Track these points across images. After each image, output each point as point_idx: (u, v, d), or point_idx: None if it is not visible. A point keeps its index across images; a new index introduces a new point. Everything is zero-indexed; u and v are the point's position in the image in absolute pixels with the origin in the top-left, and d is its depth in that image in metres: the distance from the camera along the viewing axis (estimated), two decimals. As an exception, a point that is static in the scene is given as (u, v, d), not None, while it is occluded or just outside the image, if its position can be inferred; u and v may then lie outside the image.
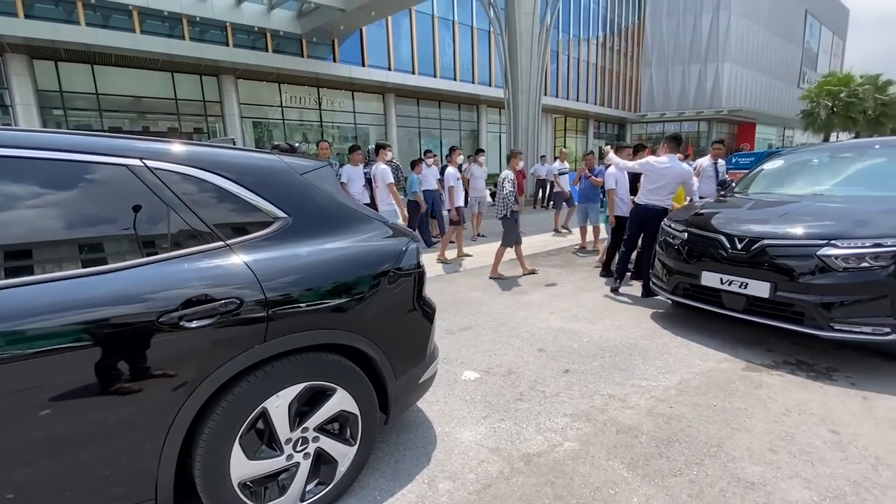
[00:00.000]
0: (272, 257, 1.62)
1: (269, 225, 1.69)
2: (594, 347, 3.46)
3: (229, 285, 1.51)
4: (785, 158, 4.77)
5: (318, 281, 1.69)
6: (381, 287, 1.87)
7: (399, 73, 22.35)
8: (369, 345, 1.83)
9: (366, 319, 1.81)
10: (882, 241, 2.82)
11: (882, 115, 34.36)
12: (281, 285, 1.59)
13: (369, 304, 1.82)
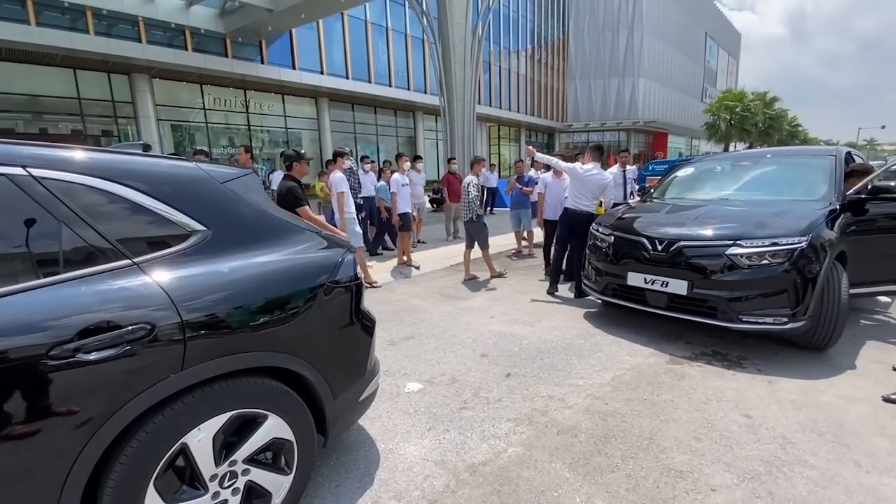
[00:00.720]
0: (189, 275, 1.46)
1: (186, 239, 1.53)
2: (533, 349, 3.55)
3: (137, 308, 1.34)
4: (694, 166, 5.24)
5: (244, 299, 1.56)
6: (315, 302, 1.76)
7: (332, 78, 21.84)
8: (304, 365, 1.72)
9: (299, 338, 1.70)
10: (778, 241, 3.17)
11: (770, 128, 39.21)
12: (200, 306, 1.44)
13: (303, 321, 1.71)
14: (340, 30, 23.01)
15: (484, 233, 5.87)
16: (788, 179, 4.45)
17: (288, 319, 1.67)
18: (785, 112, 41.85)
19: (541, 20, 37.78)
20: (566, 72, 41.39)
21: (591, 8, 40.41)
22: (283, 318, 1.66)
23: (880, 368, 3.07)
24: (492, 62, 32.45)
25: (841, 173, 4.08)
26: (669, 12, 44.12)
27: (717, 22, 58.18)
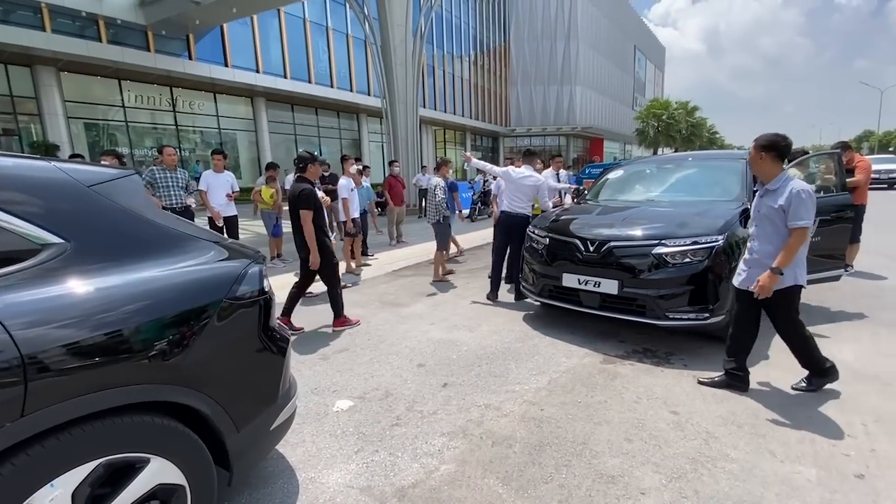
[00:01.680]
0: (35, 299, 1.21)
1: (35, 255, 1.27)
2: (472, 356, 3.47)
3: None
4: (624, 169, 5.45)
5: (112, 324, 1.31)
6: (209, 323, 1.54)
7: (269, 77, 20.88)
8: (197, 397, 1.49)
9: (188, 366, 1.47)
10: (698, 239, 3.31)
11: (692, 135, 42.69)
12: (48, 336, 1.18)
13: (193, 346, 1.48)
14: (277, 27, 22.09)
15: (445, 235, 5.98)
16: (707, 181, 4.72)
17: (174, 345, 1.44)
18: (704, 120, 45.69)
19: (483, 27, 38.50)
20: (508, 78, 42.46)
21: (529, 17, 41.78)
22: (167, 345, 1.42)
23: (788, 357, 3.26)
24: (436, 66, 32.59)
25: (751, 175, 4.38)
26: (602, 25, 46.64)
27: (645, 36, 62.36)
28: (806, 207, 2.51)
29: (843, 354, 3.29)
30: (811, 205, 2.52)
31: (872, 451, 2.16)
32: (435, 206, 5.82)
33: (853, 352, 3.33)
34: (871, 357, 3.23)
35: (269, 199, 6.58)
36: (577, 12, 41.53)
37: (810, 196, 2.52)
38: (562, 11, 41.61)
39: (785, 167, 2.74)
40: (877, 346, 3.44)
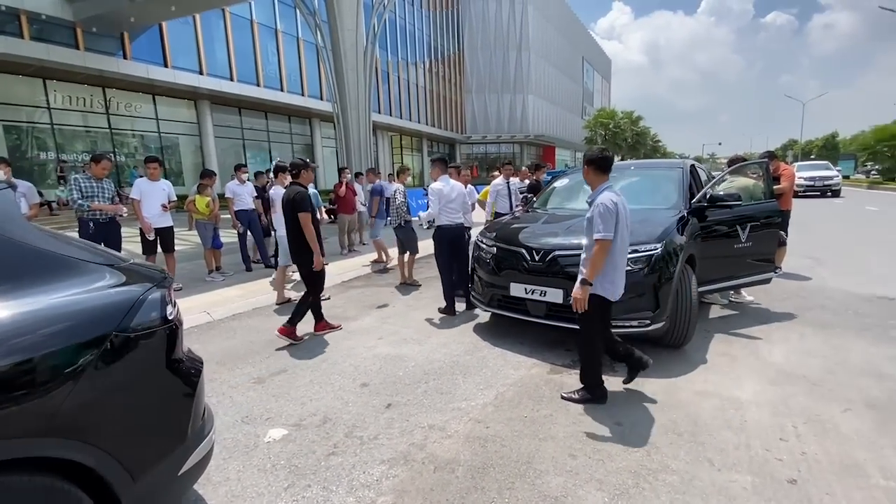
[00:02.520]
0: None
1: None
2: (419, 372, 3.34)
3: None
4: (570, 177, 5.54)
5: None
6: (94, 362, 1.32)
7: (213, 79, 19.93)
8: (78, 448, 1.28)
9: (66, 414, 1.25)
10: (638, 247, 3.37)
11: (637, 143, 45.00)
12: None
13: (72, 390, 1.27)
14: (222, 28, 21.16)
15: (411, 238, 6.06)
16: (647, 189, 4.87)
17: (46, 391, 1.22)
18: (648, 129, 48.29)
19: (437, 34, 38.79)
20: (463, 86, 42.98)
21: (482, 27, 42.57)
22: (39, 391, 1.21)
23: (725, 361, 3.39)
24: (390, 72, 32.43)
25: (688, 183, 4.56)
26: (552, 37, 48.31)
27: (592, 48, 65.22)
28: (603, 219, 2.57)
29: (773, 356, 3.45)
30: (609, 217, 2.58)
31: (803, 454, 2.23)
32: (396, 210, 5.96)
33: (782, 353, 3.50)
34: (800, 357, 3.40)
35: (205, 209, 6.17)
36: (528, 23, 42.80)
37: (608, 209, 2.59)
38: (513, 22, 42.74)
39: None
40: (804, 345, 3.63)
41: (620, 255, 2.71)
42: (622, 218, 2.65)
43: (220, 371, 3.45)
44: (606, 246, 2.60)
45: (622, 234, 2.67)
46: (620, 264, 2.73)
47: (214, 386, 3.17)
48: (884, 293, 5.03)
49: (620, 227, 2.63)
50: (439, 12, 39.13)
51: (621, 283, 2.75)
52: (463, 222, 4.91)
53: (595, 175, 2.78)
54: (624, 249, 2.73)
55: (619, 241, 2.66)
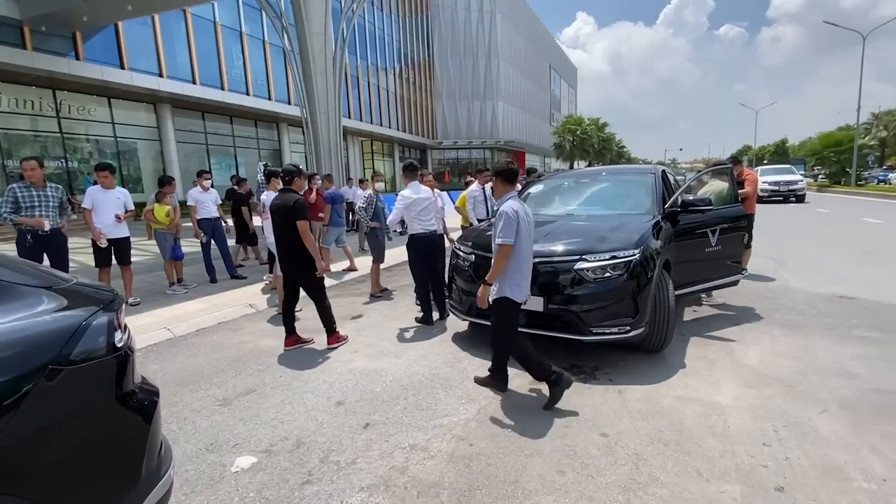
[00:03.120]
0: None
1: None
2: (398, 387, 3.20)
3: None
4: (544, 183, 5.54)
5: None
6: (24, 400, 1.14)
7: (174, 82, 19.16)
8: (7, 502, 1.09)
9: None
10: (616, 254, 3.36)
11: (603, 148, 46.28)
12: None
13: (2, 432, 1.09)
14: (183, 29, 20.42)
15: (375, 246, 5.91)
16: (620, 195, 4.92)
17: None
18: (613, 135, 49.75)
19: (407, 40, 38.79)
20: (434, 91, 43.10)
21: (452, 34, 42.89)
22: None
23: (703, 365, 3.42)
24: (360, 77, 32.15)
25: (661, 188, 4.62)
26: (520, 45, 49.18)
27: (559, 56, 66.81)
28: (505, 226, 2.73)
29: (748, 359, 3.50)
30: (510, 224, 2.73)
31: (787, 459, 2.23)
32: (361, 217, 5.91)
33: (756, 355, 3.56)
34: (773, 359, 3.47)
35: (164, 218, 5.82)
36: (496, 31, 43.41)
37: (509, 217, 2.74)
38: (482, 30, 43.27)
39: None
40: (776, 347, 3.71)
41: (525, 260, 2.84)
42: (524, 225, 2.79)
43: (182, 393, 3.21)
44: (506, 250, 2.75)
45: (524, 239, 2.81)
46: (525, 268, 2.87)
47: (175, 411, 2.94)
48: (842, 292, 5.25)
49: (522, 233, 2.78)
50: (409, 19, 39.17)
51: (526, 286, 2.89)
52: (436, 229, 4.81)
53: (502, 185, 2.93)
54: (528, 254, 2.86)
55: (523, 246, 2.81)
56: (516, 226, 2.74)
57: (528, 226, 2.82)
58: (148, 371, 3.61)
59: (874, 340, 3.77)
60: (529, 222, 2.84)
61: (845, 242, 8.66)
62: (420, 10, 40.79)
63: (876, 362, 3.34)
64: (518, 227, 2.74)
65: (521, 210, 2.80)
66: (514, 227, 2.73)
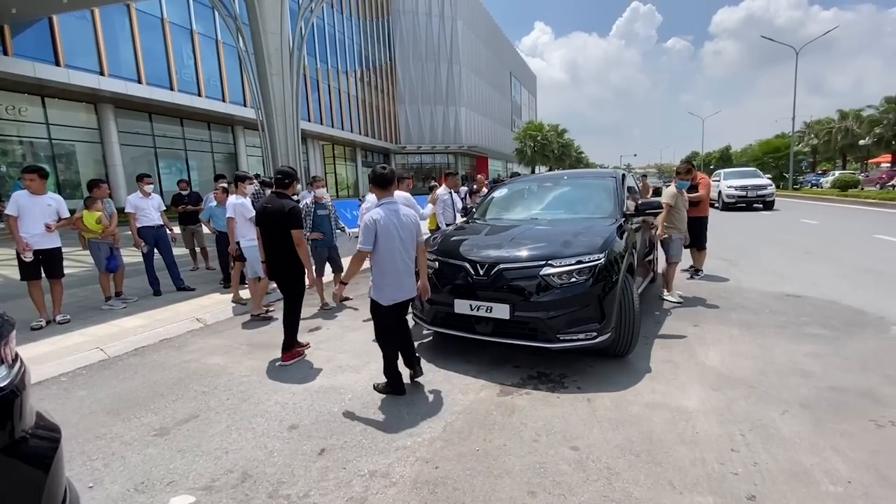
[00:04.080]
0: None
1: None
2: (358, 405, 2.99)
3: None
4: (508, 187, 5.48)
5: None
6: None
7: (117, 80, 17.99)
8: None
9: None
10: (582, 258, 3.30)
11: (563, 154, 47.53)
12: None
13: None
14: (127, 26, 19.25)
15: (316, 258, 5.48)
16: (583, 199, 4.92)
17: None
18: (572, 141, 51.22)
19: (368, 44, 38.38)
20: (396, 96, 42.82)
21: (413, 39, 42.83)
22: None
23: (668, 368, 3.41)
24: (321, 80, 31.47)
25: (622, 192, 4.66)
26: (481, 51, 49.77)
27: (519, 64, 68.20)
28: (363, 233, 2.95)
29: (710, 360, 3.53)
30: (367, 232, 2.93)
31: (755, 465, 2.20)
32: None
33: (718, 356, 3.60)
34: (734, 359, 3.51)
35: (96, 226, 5.30)
36: (457, 38, 43.72)
37: (367, 225, 2.93)
38: (444, 35, 43.47)
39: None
40: (735, 347, 3.77)
41: (388, 266, 2.98)
42: (385, 233, 2.93)
43: (112, 423, 2.86)
44: (362, 256, 2.98)
45: (384, 247, 2.96)
46: (389, 274, 2.99)
47: (101, 445, 2.60)
48: (790, 291, 5.48)
49: (381, 241, 2.94)
50: (370, 23, 38.80)
51: (390, 291, 3.01)
52: None
53: (378, 190, 3.11)
54: (390, 260, 2.98)
55: (383, 253, 2.97)
56: (374, 234, 2.91)
57: (391, 232, 2.95)
58: (74, 399, 3.23)
59: (824, 338, 3.91)
60: (394, 227, 2.97)
61: (788, 242, 9.15)
62: (381, 15, 40.52)
63: (828, 359, 3.44)
64: (376, 235, 2.91)
65: (384, 218, 2.94)
66: (372, 236, 2.91)
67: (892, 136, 31.90)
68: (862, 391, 2.91)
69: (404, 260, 3.03)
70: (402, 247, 3.00)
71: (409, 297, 3.12)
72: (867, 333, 3.96)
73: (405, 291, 3.07)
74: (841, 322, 4.29)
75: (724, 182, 17.67)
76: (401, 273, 3.02)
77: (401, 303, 3.07)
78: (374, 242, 2.92)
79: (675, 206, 5.31)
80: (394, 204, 3.06)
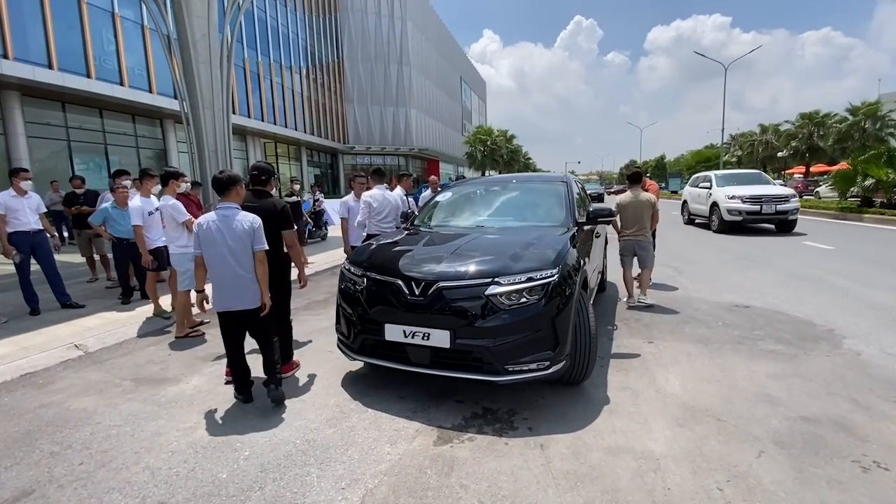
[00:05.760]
0: None
1: None
2: (254, 468, 2.33)
3: None
4: (453, 190, 4.98)
5: None
6: None
7: (23, 65, 15.81)
8: None
9: None
10: (533, 275, 2.83)
11: (512, 159, 48.28)
12: None
13: None
14: (37, 6, 17.02)
15: None
16: (532, 204, 4.52)
17: None
18: (520, 147, 52.19)
19: (315, 41, 36.91)
20: (344, 95, 41.49)
21: (362, 38, 41.73)
22: None
23: (627, 397, 3.03)
24: (262, 75, 29.75)
25: (573, 197, 4.29)
26: (431, 55, 49.50)
27: (469, 69, 68.72)
28: (194, 236, 2.98)
29: (671, 385, 3.19)
30: (195, 237, 2.96)
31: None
32: None
33: (678, 380, 3.27)
34: (696, 385, 3.19)
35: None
36: (407, 39, 43.13)
37: (195, 228, 2.95)
38: (393, 37, 42.71)
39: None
40: (695, 369, 3.47)
41: (213, 271, 2.95)
42: (207, 238, 2.90)
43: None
44: (197, 261, 2.98)
45: (212, 251, 2.92)
46: (214, 279, 2.95)
47: None
48: (738, 301, 5.39)
49: (205, 246, 2.92)
50: (316, 18, 37.33)
51: (217, 297, 2.97)
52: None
53: (218, 194, 3.02)
54: (216, 266, 2.94)
55: (210, 259, 2.94)
56: (197, 238, 2.92)
57: (215, 237, 2.89)
58: None
59: (781, 355, 3.72)
60: (226, 232, 2.90)
61: (725, 249, 9.36)
62: (328, 11, 39.12)
63: (791, 381, 3.21)
64: (199, 240, 2.91)
65: (210, 222, 2.91)
66: (197, 240, 2.92)
67: (806, 149, 34.94)
68: (834, 421, 2.65)
69: (232, 267, 2.91)
70: (229, 253, 2.90)
71: (245, 309, 2.97)
72: (822, 348, 3.82)
73: (236, 301, 2.95)
74: (794, 336, 4.14)
75: (721, 191, 11.90)
76: (226, 280, 2.92)
77: (236, 313, 2.96)
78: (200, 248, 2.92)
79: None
80: (229, 209, 2.96)
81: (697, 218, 13.87)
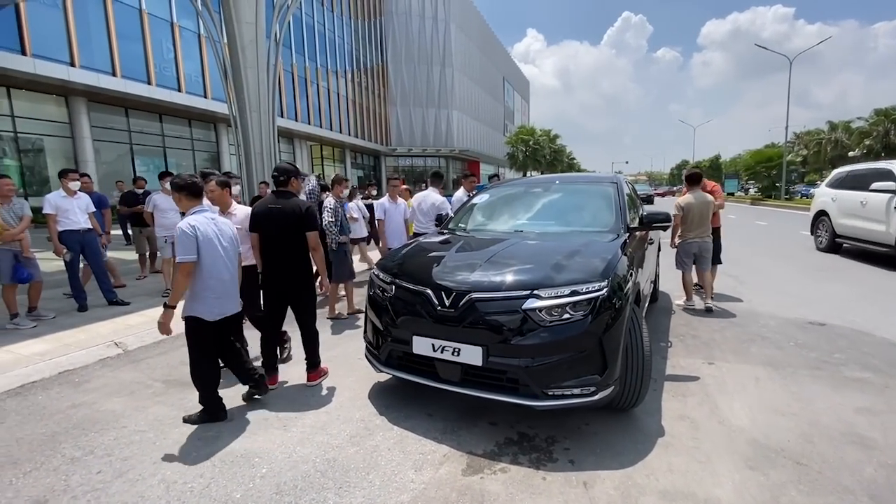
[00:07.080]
0: None
1: None
2: (269, 488, 2.18)
3: None
4: (490, 192, 4.70)
5: None
6: None
7: (89, 73, 17.00)
8: None
9: None
10: (578, 288, 2.52)
11: (555, 160, 47.14)
12: None
13: None
14: (102, 16, 18.27)
15: (340, 263, 5.09)
16: (577, 207, 4.17)
17: None
18: (564, 147, 50.87)
19: (360, 45, 37.64)
20: (388, 98, 42.07)
21: (406, 41, 42.15)
22: None
23: (685, 428, 2.66)
24: (310, 79, 30.63)
25: (624, 200, 3.92)
26: (474, 55, 49.26)
27: (512, 69, 67.90)
28: (182, 244, 2.65)
29: (736, 416, 2.78)
30: (186, 241, 2.65)
31: None
32: (325, 229, 4.97)
33: (745, 410, 2.85)
34: (767, 417, 2.76)
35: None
36: (450, 41, 43.13)
37: (185, 234, 2.65)
38: (437, 38, 42.85)
39: None
40: (764, 397, 3.03)
41: (215, 277, 2.77)
42: (206, 241, 2.72)
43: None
44: (188, 268, 2.67)
45: (208, 255, 2.73)
46: (217, 286, 2.77)
47: None
48: (812, 317, 4.78)
49: (206, 247, 2.71)
50: (362, 22, 38.07)
51: (217, 304, 2.78)
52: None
53: (187, 200, 2.80)
54: (217, 271, 2.78)
55: (208, 263, 2.74)
56: (195, 242, 2.67)
57: (213, 239, 2.75)
58: None
59: (869, 384, 3.19)
60: (215, 233, 2.78)
61: (793, 258, 8.50)
62: (373, 15, 39.80)
63: (886, 418, 2.72)
64: (198, 243, 2.68)
65: (203, 224, 2.73)
66: (193, 244, 2.66)
67: (882, 147, 31.79)
68: (949, 476, 2.18)
69: (229, 269, 2.85)
70: (224, 255, 2.83)
71: (238, 311, 2.94)
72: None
73: (233, 304, 2.89)
74: (884, 362, 3.57)
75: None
76: (227, 283, 2.83)
77: (230, 318, 2.87)
78: (198, 252, 2.68)
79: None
80: (206, 211, 2.84)
81: (854, 242, 8.25)
